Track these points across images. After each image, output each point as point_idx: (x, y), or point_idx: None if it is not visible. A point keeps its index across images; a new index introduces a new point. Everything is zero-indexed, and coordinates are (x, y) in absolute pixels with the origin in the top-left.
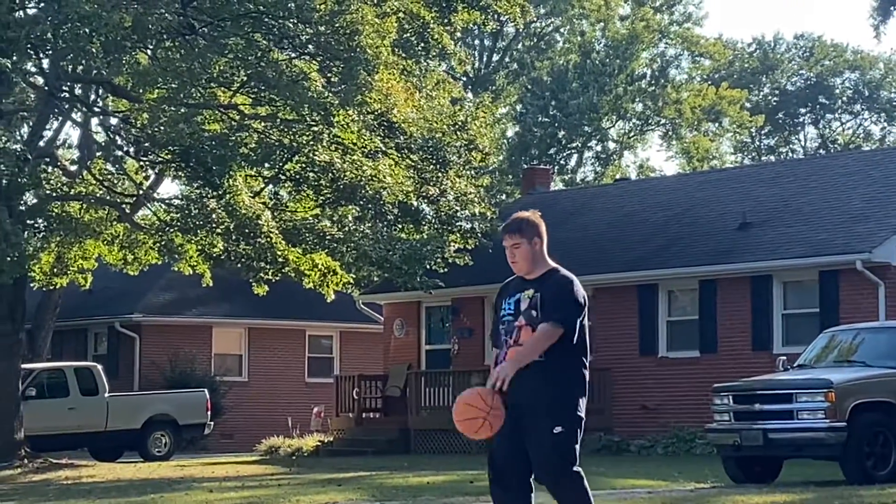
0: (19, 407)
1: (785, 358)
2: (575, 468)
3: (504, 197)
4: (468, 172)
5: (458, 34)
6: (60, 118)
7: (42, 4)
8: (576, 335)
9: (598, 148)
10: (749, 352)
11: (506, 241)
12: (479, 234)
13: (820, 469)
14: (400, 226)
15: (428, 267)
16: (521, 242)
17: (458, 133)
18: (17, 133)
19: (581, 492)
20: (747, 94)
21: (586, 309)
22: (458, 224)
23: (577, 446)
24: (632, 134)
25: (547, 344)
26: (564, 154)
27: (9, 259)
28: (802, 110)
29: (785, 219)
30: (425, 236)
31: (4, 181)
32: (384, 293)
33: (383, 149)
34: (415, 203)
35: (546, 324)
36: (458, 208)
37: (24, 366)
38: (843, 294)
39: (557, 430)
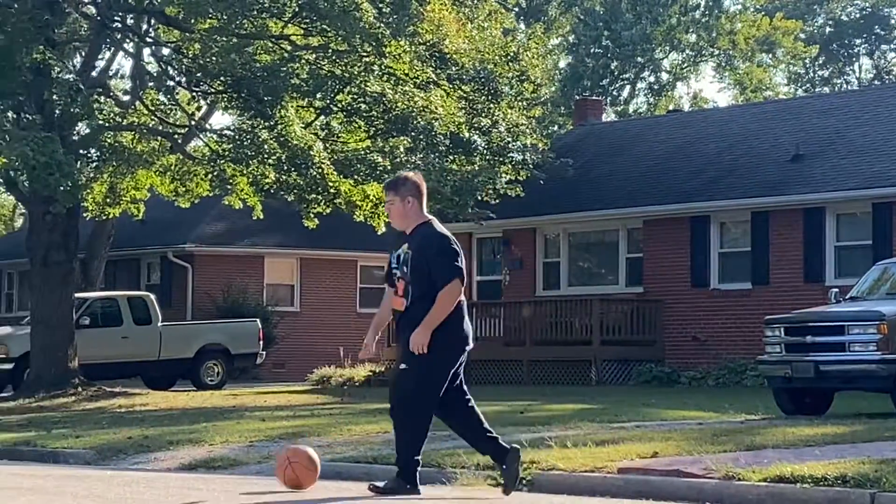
0: (73, 336)
1: (837, 290)
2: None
3: (556, 128)
4: (520, 103)
5: None
6: (113, 48)
7: None
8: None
9: (651, 79)
10: (801, 284)
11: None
12: (531, 166)
13: (871, 401)
14: (451, 157)
15: (479, 198)
16: (394, 200)
17: (510, 64)
18: (70, 63)
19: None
20: (801, 24)
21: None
22: (509, 155)
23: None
24: (685, 65)
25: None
26: (617, 85)
27: (62, 189)
28: (857, 41)
29: (838, 150)
30: (477, 167)
31: (58, 111)
32: None
33: (435, 80)
34: (466, 134)
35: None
36: (509, 139)
37: (77, 295)
38: None
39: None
